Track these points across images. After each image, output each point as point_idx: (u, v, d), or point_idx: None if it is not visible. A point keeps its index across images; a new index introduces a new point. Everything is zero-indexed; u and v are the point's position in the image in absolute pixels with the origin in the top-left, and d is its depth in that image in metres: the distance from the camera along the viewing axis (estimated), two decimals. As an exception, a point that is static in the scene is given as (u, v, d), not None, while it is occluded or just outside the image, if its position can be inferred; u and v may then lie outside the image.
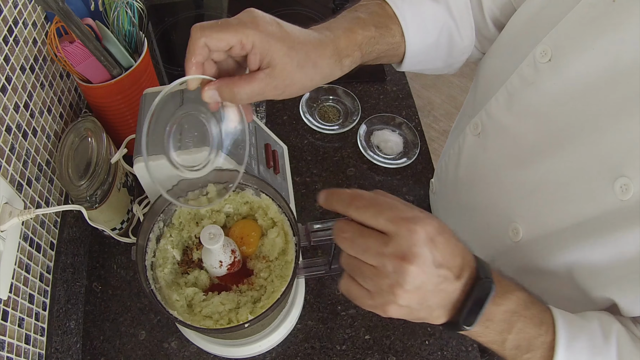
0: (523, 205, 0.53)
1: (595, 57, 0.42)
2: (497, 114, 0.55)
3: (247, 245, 0.56)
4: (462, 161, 0.63)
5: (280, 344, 0.68)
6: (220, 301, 0.53)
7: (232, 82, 0.43)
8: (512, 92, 0.52)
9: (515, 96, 0.52)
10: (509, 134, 0.54)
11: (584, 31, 0.43)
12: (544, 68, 0.47)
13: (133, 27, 0.74)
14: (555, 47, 0.46)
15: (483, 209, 0.60)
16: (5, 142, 0.58)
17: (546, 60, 0.47)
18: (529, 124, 0.51)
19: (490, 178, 0.57)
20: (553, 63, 0.46)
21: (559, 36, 0.46)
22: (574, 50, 0.44)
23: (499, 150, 0.55)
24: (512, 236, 0.54)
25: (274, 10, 1.13)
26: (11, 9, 0.61)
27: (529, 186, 0.51)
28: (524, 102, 0.51)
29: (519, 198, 0.53)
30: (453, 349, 0.69)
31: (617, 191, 0.41)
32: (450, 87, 2.40)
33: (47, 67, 0.71)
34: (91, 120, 0.72)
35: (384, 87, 0.99)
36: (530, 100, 0.50)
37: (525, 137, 0.51)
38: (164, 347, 0.68)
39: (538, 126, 0.50)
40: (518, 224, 0.53)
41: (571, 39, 0.44)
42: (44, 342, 0.62)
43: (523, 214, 0.53)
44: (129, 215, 0.76)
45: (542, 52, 0.47)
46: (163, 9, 1.16)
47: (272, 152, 0.70)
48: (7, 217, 0.53)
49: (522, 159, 0.52)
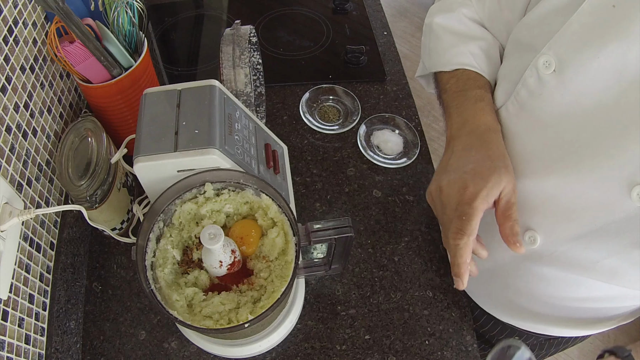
0: (539, 214, 0.52)
1: (601, 67, 0.42)
2: (507, 123, 0.55)
3: (247, 245, 0.56)
4: None
5: (280, 344, 0.68)
6: (220, 301, 0.53)
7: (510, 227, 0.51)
8: (521, 103, 0.52)
9: (524, 107, 0.52)
10: (520, 143, 0.53)
11: (586, 40, 0.43)
12: (549, 79, 0.47)
13: (133, 27, 0.74)
14: (559, 58, 0.45)
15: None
16: (5, 142, 0.58)
17: (550, 71, 0.46)
18: (538, 135, 0.50)
19: None
20: (558, 74, 0.46)
21: (561, 46, 0.45)
22: (578, 61, 0.43)
23: (512, 159, 0.54)
24: (529, 243, 0.54)
25: (274, 10, 1.13)
26: (11, 9, 0.61)
27: (543, 195, 0.51)
28: (533, 114, 0.50)
29: (535, 207, 0.52)
30: (453, 349, 0.69)
31: (635, 199, 0.41)
32: (450, 87, 2.40)
33: (47, 67, 0.71)
34: (91, 120, 0.72)
35: (384, 87, 0.99)
36: (539, 112, 0.49)
37: (536, 147, 0.51)
38: (164, 347, 0.68)
39: (547, 138, 0.49)
40: (536, 232, 0.53)
41: (574, 49, 0.44)
42: (44, 342, 0.62)
43: (540, 222, 0.52)
44: (129, 215, 0.76)
45: (545, 62, 0.46)
46: (163, 9, 1.16)
47: (272, 152, 0.70)
48: (7, 217, 0.53)
49: (534, 169, 0.51)
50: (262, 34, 1.08)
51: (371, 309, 0.72)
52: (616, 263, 0.47)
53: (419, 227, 0.81)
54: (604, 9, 0.41)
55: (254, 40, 0.83)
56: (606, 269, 0.48)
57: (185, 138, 0.56)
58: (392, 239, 0.79)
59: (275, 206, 0.58)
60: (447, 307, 0.73)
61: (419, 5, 2.78)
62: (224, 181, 0.58)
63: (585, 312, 0.61)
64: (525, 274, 0.57)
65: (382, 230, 0.80)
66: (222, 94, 0.62)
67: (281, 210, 0.57)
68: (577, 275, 0.52)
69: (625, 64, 0.40)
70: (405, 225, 0.81)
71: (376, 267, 0.76)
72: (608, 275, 0.49)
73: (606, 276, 0.49)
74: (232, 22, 0.92)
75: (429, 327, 0.71)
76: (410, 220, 0.81)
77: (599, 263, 0.48)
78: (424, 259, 0.77)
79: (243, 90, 0.75)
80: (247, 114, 0.67)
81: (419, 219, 0.82)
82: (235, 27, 0.78)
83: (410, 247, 0.79)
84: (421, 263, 0.77)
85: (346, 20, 1.13)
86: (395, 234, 0.80)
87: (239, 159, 0.59)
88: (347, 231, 0.55)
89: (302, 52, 1.06)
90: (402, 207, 0.83)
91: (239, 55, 0.75)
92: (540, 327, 0.68)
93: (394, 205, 0.83)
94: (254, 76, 0.86)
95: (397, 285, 0.74)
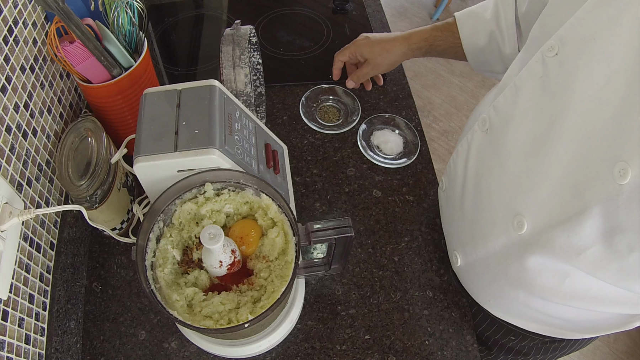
0: (528, 198, 0.53)
1: (596, 48, 0.44)
2: (504, 108, 0.57)
3: (247, 245, 0.56)
4: (470, 157, 0.65)
5: (280, 344, 0.68)
6: (220, 301, 0.53)
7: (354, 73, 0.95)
8: (519, 86, 0.54)
9: (522, 89, 0.54)
10: (514, 126, 0.55)
11: (585, 24, 0.45)
12: (551, 62, 0.49)
13: (133, 27, 0.74)
14: (562, 42, 0.48)
15: (488, 204, 0.61)
16: (5, 142, 0.58)
17: (553, 54, 0.49)
18: (533, 115, 0.52)
19: (497, 173, 0.58)
20: (559, 57, 0.48)
21: (566, 31, 0.48)
22: (576, 42, 0.46)
23: (505, 144, 0.57)
24: (517, 228, 0.54)
25: (274, 10, 1.13)
26: (11, 9, 0.61)
27: (534, 178, 0.52)
28: (528, 94, 0.53)
29: (525, 190, 0.54)
30: (453, 349, 0.69)
31: (616, 175, 0.41)
32: (450, 87, 2.40)
33: (47, 67, 0.71)
34: (91, 120, 0.72)
35: (384, 87, 1.00)
36: (535, 92, 0.52)
37: (530, 129, 0.52)
38: (164, 347, 0.68)
39: (542, 118, 0.51)
40: (523, 217, 0.54)
41: (574, 32, 0.47)
42: (44, 342, 0.62)
43: (529, 206, 0.53)
44: (129, 215, 0.76)
45: (550, 47, 0.49)
46: (163, 9, 1.16)
47: (272, 152, 0.71)
48: (7, 217, 0.53)
49: (527, 152, 0.53)
50: (262, 34, 1.08)
51: (371, 309, 0.72)
52: (599, 253, 0.48)
53: (419, 227, 0.81)
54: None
55: (254, 40, 0.83)
56: (590, 260, 0.49)
57: (185, 138, 0.56)
58: (392, 239, 0.79)
59: (275, 206, 0.58)
60: (447, 307, 0.73)
61: (419, 5, 2.78)
62: (224, 181, 0.58)
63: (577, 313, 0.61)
64: (515, 262, 0.58)
65: (382, 230, 0.80)
66: (222, 94, 0.62)
67: (281, 210, 0.57)
68: (563, 264, 0.52)
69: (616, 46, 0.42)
70: (405, 225, 0.81)
71: (376, 267, 0.76)
72: (592, 266, 0.50)
73: (591, 267, 0.50)
74: (232, 22, 0.92)
75: (429, 327, 0.71)
76: (410, 220, 0.81)
77: (583, 253, 0.49)
78: (424, 259, 0.77)
79: (243, 90, 0.75)
80: (247, 114, 0.67)
81: (419, 219, 0.82)
82: (235, 27, 0.78)
83: (410, 247, 0.79)
84: (421, 263, 0.77)
85: (346, 20, 1.13)
86: (395, 234, 0.80)
87: (239, 159, 0.59)
88: (347, 231, 0.55)
89: (302, 52, 1.06)
90: (402, 207, 0.83)
91: (239, 55, 0.75)
92: (533, 325, 0.68)
93: (394, 205, 0.83)
94: (254, 76, 0.87)
95: (397, 285, 0.74)
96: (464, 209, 0.67)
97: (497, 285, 0.64)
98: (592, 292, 0.54)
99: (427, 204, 0.83)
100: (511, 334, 0.73)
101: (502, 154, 0.57)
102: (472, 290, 0.72)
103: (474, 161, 0.64)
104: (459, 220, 0.69)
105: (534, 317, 0.66)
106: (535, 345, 0.74)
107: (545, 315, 0.63)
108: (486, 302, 0.70)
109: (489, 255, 0.62)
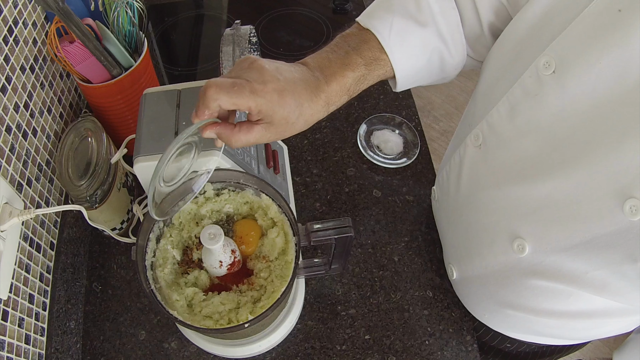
0: (529, 222, 0.51)
1: (602, 73, 0.41)
2: (499, 125, 0.54)
3: (247, 245, 0.56)
4: (463, 173, 0.62)
5: (280, 344, 0.68)
6: (220, 301, 0.53)
7: (232, 130, 0.49)
8: (514, 103, 0.51)
9: (517, 108, 0.50)
10: (511, 147, 0.52)
11: (589, 44, 0.42)
12: (548, 80, 0.46)
13: (133, 27, 0.74)
14: (560, 59, 0.44)
15: (486, 222, 0.58)
16: (5, 142, 0.58)
17: (550, 72, 0.45)
18: (531, 138, 0.49)
19: (493, 192, 0.56)
20: (557, 76, 0.45)
21: (563, 47, 0.44)
22: (579, 65, 0.42)
23: (501, 164, 0.54)
24: (518, 251, 0.53)
25: (274, 10, 1.13)
26: (11, 9, 0.61)
27: (534, 203, 0.50)
28: (526, 115, 0.49)
29: (525, 214, 0.51)
30: (453, 349, 0.69)
31: (627, 212, 0.40)
32: (450, 87, 2.40)
33: (47, 67, 0.71)
34: (91, 120, 0.72)
35: (384, 87, 0.99)
36: (533, 113, 0.48)
37: (529, 151, 0.50)
38: (164, 347, 0.68)
39: (541, 141, 0.48)
40: (525, 241, 0.52)
41: (576, 52, 0.43)
42: (44, 342, 0.62)
43: (529, 231, 0.51)
44: (129, 215, 0.76)
45: (546, 63, 0.45)
46: (163, 9, 1.16)
47: (272, 152, 0.71)
48: (7, 217, 0.53)
49: (526, 175, 0.50)
50: (262, 34, 1.08)
51: (371, 309, 0.72)
52: (605, 275, 0.46)
53: (419, 227, 0.81)
54: (609, 13, 0.40)
55: (254, 40, 0.83)
56: (595, 281, 0.48)
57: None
58: (392, 239, 0.79)
59: (275, 206, 0.58)
60: (447, 307, 0.73)
61: (419, 5, 2.77)
62: (224, 181, 0.58)
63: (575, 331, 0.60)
64: (514, 283, 0.56)
65: (382, 230, 0.80)
66: (222, 94, 0.62)
67: (281, 210, 0.57)
68: (565, 286, 0.51)
69: (627, 70, 0.39)
70: (405, 225, 0.81)
71: (376, 267, 0.76)
72: (597, 287, 0.48)
73: (595, 288, 0.49)
74: (232, 22, 0.92)
75: (429, 327, 0.71)
76: (410, 220, 0.81)
77: (587, 274, 0.48)
78: (424, 259, 0.77)
79: (243, 90, 0.75)
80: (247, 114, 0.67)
81: (419, 219, 0.82)
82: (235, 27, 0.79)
83: (410, 247, 0.78)
84: (421, 263, 0.77)
85: (346, 20, 1.13)
86: (395, 234, 0.80)
87: (239, 159, 0.59)
88: (347, 231, 0.55)
89: (302, 52, 1.05)
90: (402, 207, 0.83)
91: (239, 55, 0.75)
92: (531, 337, 0.68)
93: (394, 205, 0.83)
94: (254, 76, 0.86)
95: (397, 285, 0.74)
96: (459, 224, 0.65)
97: (494, 302, 0.63)
98: (596, 308, 0.53)
99: (427, 204, 0.83)
100: (507, 341, 0.73)
101: (498, 174, 0.55)
102: (468, 304, 0.70)
103: (467, 177, 0.62)
104: (453, 234, 0.68)
105: (532, 330, 0.64)
106: (532, 350, 0.74)
107: (544, 328, 0.62)
108: (482, 316, 0.68)
109: (487, 274, 0.60)
